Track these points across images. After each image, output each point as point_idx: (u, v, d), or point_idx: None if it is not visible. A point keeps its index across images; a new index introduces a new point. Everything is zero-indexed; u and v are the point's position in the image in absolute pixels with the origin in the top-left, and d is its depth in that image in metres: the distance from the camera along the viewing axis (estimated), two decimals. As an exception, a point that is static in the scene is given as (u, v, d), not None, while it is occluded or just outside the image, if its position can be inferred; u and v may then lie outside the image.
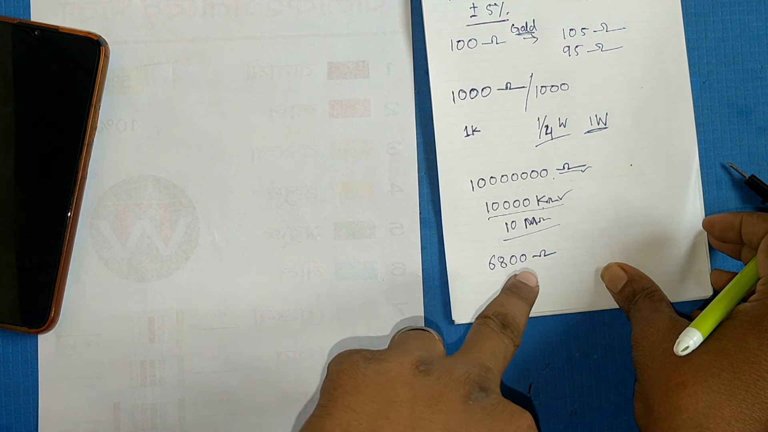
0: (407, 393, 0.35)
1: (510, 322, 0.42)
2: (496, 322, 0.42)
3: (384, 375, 0.36)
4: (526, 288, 0.45)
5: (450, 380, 0.36)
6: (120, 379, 0.46)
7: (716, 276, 0.46)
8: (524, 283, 0.45)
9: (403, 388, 0.35)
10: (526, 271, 0.46)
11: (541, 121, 0.47)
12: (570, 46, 0.47)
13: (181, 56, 0.47)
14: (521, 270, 0.47)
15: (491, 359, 0.39)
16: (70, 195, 0.45)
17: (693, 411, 0.37)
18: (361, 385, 0.36)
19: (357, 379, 0.36)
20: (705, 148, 0.48)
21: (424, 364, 0.37)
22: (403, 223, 0.47)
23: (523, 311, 0.44)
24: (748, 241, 0.43)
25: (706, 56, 0.48)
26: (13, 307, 0.45)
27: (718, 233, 0.45)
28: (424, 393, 0.35)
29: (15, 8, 0.47)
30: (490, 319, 0.42)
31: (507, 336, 0.41)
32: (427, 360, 0.38)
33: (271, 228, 0.47)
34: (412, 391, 0.35)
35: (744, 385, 0.36)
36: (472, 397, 0.36)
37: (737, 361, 0.37)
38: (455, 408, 0.35)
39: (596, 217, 0.47)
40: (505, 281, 0.46)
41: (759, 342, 0.37)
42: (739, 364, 0.37)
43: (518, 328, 0.42)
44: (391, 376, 0.36)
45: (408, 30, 0.47)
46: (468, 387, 0.36)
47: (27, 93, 0.45)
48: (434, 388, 0.36)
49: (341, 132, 0.47)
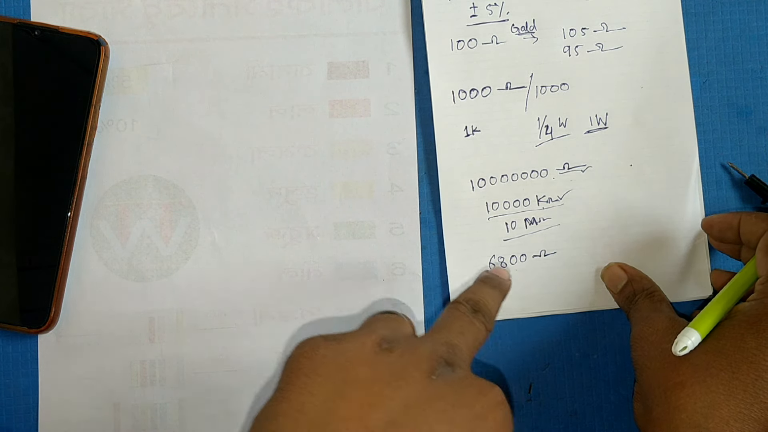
0: (367, 372, 0.34)
1: (482, 307, 0.42)
2: (467, 306, 0.42)
3: (344, 355, 0.35)
4: (498, 279, 0.45)
5: (413, 356, 0.35)
6: (120, 379, 0.46)
7: (716, 276, 0.46)
8: (496, 275, 0.45)
9: (363, 367, 0.34)
10: (497, 268, 0.46)
11: (541, 121, 0.47)
12: (570, 46, 0.47)
13: (181, 56, 0.47)
14: (522, 270, 0.47)
15: (459, 338, 0.38)
16: (70, 195, 0.45)
17: (691, 411, 0.37)
18: (319, 367, 0.34)
19: (315, 361, 0.34)
20: (705, 148, 0.48)
21: (387, 342, 0.36)
22: (403, 223, 0.47)
23: (495, 298, 0.43)
24: (747, 240, 0.43)
25: (706, 56, 0.48)
26: (13, 307, 0.45)
27: (716, 233, 0.45)
28: (385, 370, 0.34)
29: (15, 8, 0.47)
30: (460, 304, 0.42)
31: (478, 319, 0.41)
32: (391, 338, 0.36)
33: (271, 228, 0.47)
34: (372, 369, 0.34)
35: (742, 384, 0.36)
36: (437, 372, 0.34)
37: (736, 360, 0.37)
38: (418, 383, 0.33)
39: (596, 217, 0.47)
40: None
41: (757, 342, 0.37)
42: (737, 364, 0.37)
43: (490, 313, 0.42)
44: (351, 355, 0.35)
45: (408, 30, 0.47)
46: (433, 362, 0.35)
47: (27, 93, 0.45)
48: (396, 365, 0.34)
49: (341, 132, 0.47)
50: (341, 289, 0.47)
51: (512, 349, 0.47)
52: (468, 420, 0.32)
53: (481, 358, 0.47)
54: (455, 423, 0.32)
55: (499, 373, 0.47)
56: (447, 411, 0.32)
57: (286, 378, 0.35)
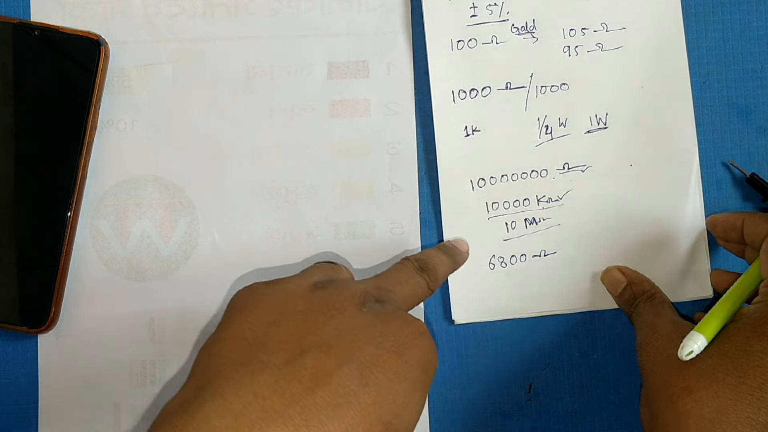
0: (302, 304, 0.36)
1: (429, 267, 0.42)
2: (415, 264, 0.42)
3: (281, 293, 0.37)
4: (455, 248, 0.45)
5: (346, 292, 0.37)
6: (120, 379, 0.46)
7: (716, 276, 0.46)
8: (453, 244, 0.46)
9: (299, 301, 0.36)
10: (459, 239, 0.46)
11: (541, 121, 0.47)
12: (570, 46, 0.47)
13: (181, 56, 0.47)
14: (522, 270, 0.47)
15: (395, 286, 0.40)
16: (70, 195, 0.45)
17: (699, 417, 0.37)
18: (258, 303, 0.37)
19: (254, 300, 0.37)
20: (705, 148, 0.48)
21: (322, 283, 0.38)
22: (403, 223, 0.47)
23: (445, 264, 0.44)
24: (751, 242, 0.43)
25: (706, 56, 0.48)
26: (13, 307, 0.45)
27: (720, 233, 0.45)
28: (319, 303, 0.36)
29: (15, 8, 0.47)
30: (408, 260, 0.42)
31: (422, 276, 0.41)
32: (326, 280, 0.39)
33: (271, 228, 0.47)
34: (307, 302, 0.36)
35: (749, 389, 0.36)
36: (367, 306, 0.36)
37: (742, 365, 0.37)
38: (348, 313, 0.36)
39: (596, 217, 0.47)
40: (505, 278, 0.46)
41: (763, 345, 0.37)
42: (743, 368, 0.37)
43: (436, 275, 0.42)
44: (288, 293, 0.37)
45: (408, 30, 0.47)
46: (363, 298, 0.37)
47: (27, 93, 0.45)
48: (329, 299, 0.36)
49: (341, 132, 0.47)
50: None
51: (512, 349, 0.47)
52: (394, 345, 0.35)
53: (482, 358, 0.47)
54: (383, 347, 0.34)
55: (499, 373, 0.47)
56: (375, 336, 0.35)
57: (227, 315, 0.37)
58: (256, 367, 0.33)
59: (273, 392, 0.32)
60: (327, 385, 0.33)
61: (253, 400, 0.32)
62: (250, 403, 0.32)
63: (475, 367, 0.47)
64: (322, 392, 0.32)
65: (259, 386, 0.32)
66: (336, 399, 0.32)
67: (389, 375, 0.34)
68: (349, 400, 0.33)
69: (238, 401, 0.32)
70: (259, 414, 0.31)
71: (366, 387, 0.33)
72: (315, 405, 0.32)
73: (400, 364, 0.35)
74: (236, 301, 0.38)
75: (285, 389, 0.32)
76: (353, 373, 0.33)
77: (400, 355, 0.35)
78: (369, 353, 0.34)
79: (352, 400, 0.33)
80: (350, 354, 0.34)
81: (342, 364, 0.33)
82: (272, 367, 0.33)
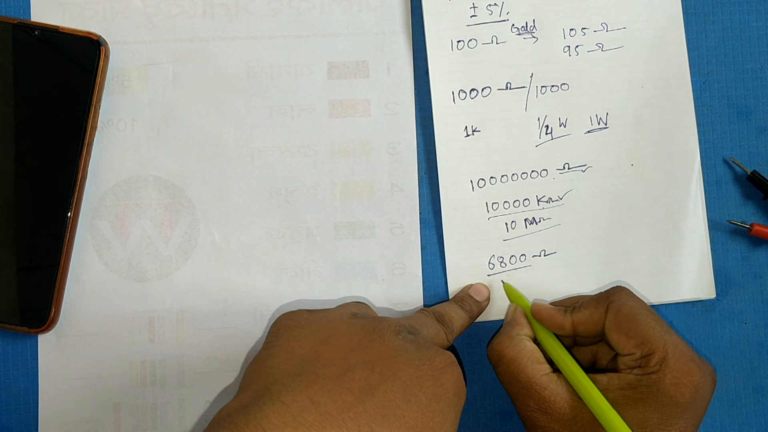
0: (345, 329, 0.39)
1: (446, 321, 0.43)
2: (432, 315, 0.43)
3: (324, 319, 0.40)
4: (472, 300, 0.46)
5: (383, 321, 0.40)
6: (120, 379, 0.46)
7: (537, 308, 0.44)
8: (472, 296, 0.46)
9: (343, 326, 0.39)
10: (480, 284, 0.46)
11: (541, 121, 0.47)
12: (570, 46, 0.47)
13: (181, 56, 0.47)
14: (522, 270, 0.47)
15: (422, 327, 0.41)
16: (70, 195, 0.45)
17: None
18: (305, 325, 0.39)
19: (300, 322, 0.39)
20: (705, 148, 0.48)
21: (360, 314, 0.41)
22: (403, 223, 0.47)
23: (461, 318, 0.44)
24: (595, 333, 0.42)
25: (706, 56, 0.48)
26: (13, 307, 0.45)
27: (547, 325, 0.43)
28: (361, 328, 0.39)
29: (15, 8, 0.47)
30: (426, 311, 0.44)
31: (441, 326, 0.43)
32: (362, 313, 0.41)
33: (271, 228, 0.47)
34: (349, 327, 0.39)
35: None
36: (402, 335, 0.39)
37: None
38: (388, 339, 0.38)
39: (596, 217, 0.47)
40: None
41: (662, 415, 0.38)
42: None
43: (452, 327, 0.43)
44: (330, 319, 0.40)
45: (408, 30, 0.47)
46: (398, 327, 0.39)
47: (27, 93, 0.45)
48: (370, 325, 0.39)
49: (341, 132, 0.47)
50: (341, 289, 0.47)
51: (512, 349, 0.47)
52: (430, 369, 0.37)
53: (482, 358, 0.47)
54: (420, 370, 0.37)
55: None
56: (413, 360, 0.37)
57: (274, 334, 0.39)
58: (310, 378, 0.35)
59: (328, 399, 0.34)
60: (374, 396, 0.35)
61: (310, 405, 0.34)
62: (307, 407, 0.34)
63: (475, 366, 0.47)
64: (371, 402, 0.35)
65: (314, 393, 0.34)
66: (383, 410, 0.35)
67: (428, 395, 0.36)
68: (395, 413, 0.35)
69: (296, 405, 0.34)
70: (316, 417, 0.33)
71: (408, 403, 0.35)
72: (366, 413, 0.34)
73: (437, 387, 0.37)
74: (283, 322, 0.40)
75: (338, 397, 0.35)
76: (397, 389, 0.36)
77: (436, 379, 0.37)
78: (409, 374, 0.36)
79: (398, 413, 0.35)
80: (393, 372, 0.36)
81: (386, 380, 0.36)
82: (325, 378, 0.35)
